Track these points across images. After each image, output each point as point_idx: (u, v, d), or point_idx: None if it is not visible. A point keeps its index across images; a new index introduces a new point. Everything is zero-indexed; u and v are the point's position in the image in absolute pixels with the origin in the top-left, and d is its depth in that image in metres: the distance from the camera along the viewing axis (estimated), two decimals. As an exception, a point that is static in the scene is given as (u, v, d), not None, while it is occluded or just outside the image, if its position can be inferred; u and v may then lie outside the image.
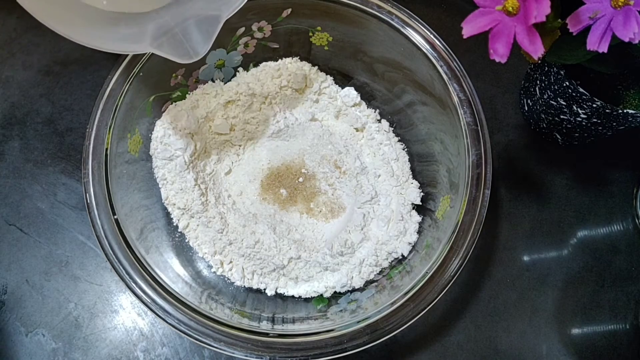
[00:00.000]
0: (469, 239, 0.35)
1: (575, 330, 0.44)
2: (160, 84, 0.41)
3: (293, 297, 0.41)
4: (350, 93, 0.46)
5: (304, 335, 0.33)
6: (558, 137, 0.48)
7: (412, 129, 0.45)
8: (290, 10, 0.42)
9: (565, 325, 0.44)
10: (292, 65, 0.46)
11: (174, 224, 0.42)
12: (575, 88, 0.39)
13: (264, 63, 0.46)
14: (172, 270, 0.38)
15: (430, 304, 0.34)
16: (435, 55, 0.39)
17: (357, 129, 0.47)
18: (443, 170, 0.42)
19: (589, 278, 0.46)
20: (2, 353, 0.41)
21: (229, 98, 0.44)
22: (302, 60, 0.46)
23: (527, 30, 0.27)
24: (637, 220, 0.47)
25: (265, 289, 0.41)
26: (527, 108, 0.49)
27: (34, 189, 0.47)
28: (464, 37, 0.28)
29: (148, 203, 0.41)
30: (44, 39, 0.52)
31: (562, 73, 0.39)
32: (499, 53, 0.28)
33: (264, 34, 0.44)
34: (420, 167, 0.45)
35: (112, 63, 0.38)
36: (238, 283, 0.41)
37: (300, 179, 0.45)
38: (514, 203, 0.48)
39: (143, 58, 0.38)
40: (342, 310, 0.39)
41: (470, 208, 0.36)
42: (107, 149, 0.36)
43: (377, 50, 0.43)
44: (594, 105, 0.39)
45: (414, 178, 0.45)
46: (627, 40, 0.28)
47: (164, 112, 0.42)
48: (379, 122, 0.47)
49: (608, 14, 0.28)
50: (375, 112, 0.47)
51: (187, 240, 0.42)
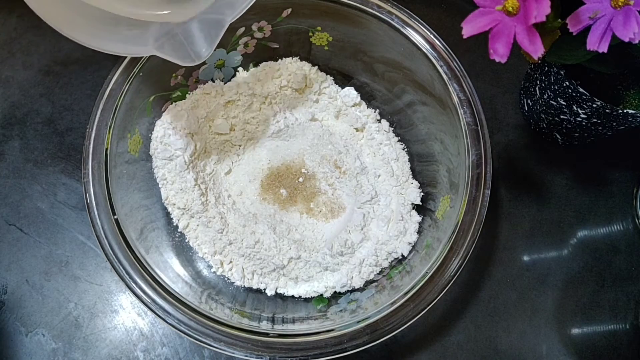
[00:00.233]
0: (469, 239, 0.35)
1: (575, 330, 0.44)
2: (160, 84, 0.41)
3: (293, 297, 0.41)
4: (350, 93, 0.46)
5: (304, 335, 0.33)
6: (558, 137, 0.48)
7: (412, 129, 0.45)
8: (290, 10, 0.42)
9: (565, 325, 0.44)
10: (292, 65, 0.46)
11: (174, 224, 0.42)
12: (575, 88, 0.39)
13: (264, 63, 0.46)
14: (172, 270, 0.38)
15: (430, 304, 0.34)
16: (435, 55, 0.39)
17: (357, 129, 0.47)
18: (443, 170, 0.42)
19: (589, 278, 0.46)
20: (2, 353, 0.41)
21: (229, 98, 0.44)
22: (302, 60, 0.46)
23: (527, 30, 0.27)
24: (637, 220, 0.47)
25: (265, 289, 0.41)
26: (527, 108, 0.49)
27: (34, 189, 0.47)
28: (464, 37, 0.28)
29: (148, 203, 0.41)
30: (44, 39, 0.52)
31: (562, 73, 0.39)
32: (499, 53, 0.28)
33: (264, 34, 0.44)
34: (420, 167, 0.45)
35: (112, 63, 0.38)
36: (238, 283, 0.41)
37: (300, 179, 0.45)
38: (514, 203, 0.48)
39: (143, 58, 0.38)
40: (342, 310, 0.39)
41: (470, 208, 0.36)
42: (107, 149, 0.36)
43: (377, 50, 0.43)
44: (594, 105, 0.39)
45: (414, 178, 0.45)
46: (627, 40, 0.28)
47: (164, 112, 0.42)
48: (379, 122, 0.47)
49: (608, 14, 0.28)
50: (375, 112, 0.47)
51: (187, 240, 0.42)
